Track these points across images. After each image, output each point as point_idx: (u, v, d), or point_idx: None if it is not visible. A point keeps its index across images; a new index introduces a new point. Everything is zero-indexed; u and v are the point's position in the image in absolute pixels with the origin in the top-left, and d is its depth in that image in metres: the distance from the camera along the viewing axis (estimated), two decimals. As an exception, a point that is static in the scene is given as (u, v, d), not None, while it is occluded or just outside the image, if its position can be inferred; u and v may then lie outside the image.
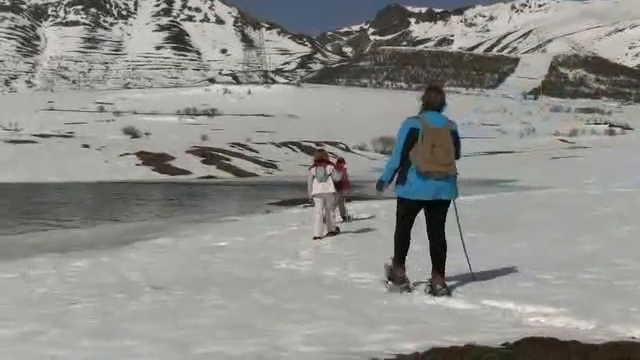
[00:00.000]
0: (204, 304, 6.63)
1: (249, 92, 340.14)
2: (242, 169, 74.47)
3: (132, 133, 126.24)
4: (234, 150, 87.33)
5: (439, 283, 6.58)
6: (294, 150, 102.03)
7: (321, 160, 13.69)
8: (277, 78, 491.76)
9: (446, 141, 6.39)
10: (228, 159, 78.79)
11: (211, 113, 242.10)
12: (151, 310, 6.39)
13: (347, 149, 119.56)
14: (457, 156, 6.55)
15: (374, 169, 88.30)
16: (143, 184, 51.45)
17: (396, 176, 6.56)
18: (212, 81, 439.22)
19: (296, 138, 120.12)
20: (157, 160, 73.13)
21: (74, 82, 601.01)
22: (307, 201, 14.92)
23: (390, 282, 6.90)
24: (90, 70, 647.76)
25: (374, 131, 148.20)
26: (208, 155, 78.72)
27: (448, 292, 6.52)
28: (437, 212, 6.56)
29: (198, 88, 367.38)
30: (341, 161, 17.32)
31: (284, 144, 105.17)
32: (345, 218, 16.65)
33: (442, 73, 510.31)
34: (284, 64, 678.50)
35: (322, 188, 13.46)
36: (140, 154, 75.51)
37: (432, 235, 6.64)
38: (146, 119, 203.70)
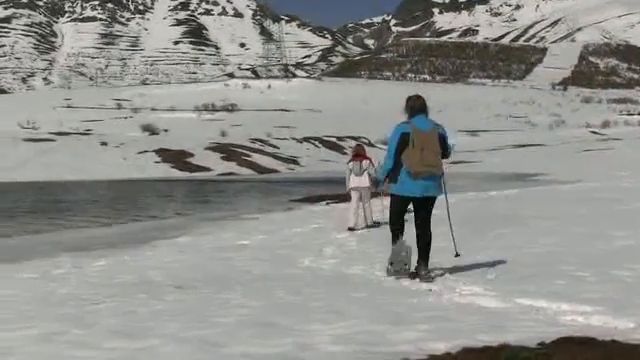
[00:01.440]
0: (227, 303, 6.64)
1: (269, 86, 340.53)
2: (263, 165, 74.57)
3: (150, 130, 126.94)
4: (254, 146, 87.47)
5: (423, 269, 7.63)
6: (316, 145, 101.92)
7: (358, 155, 14.60)
8: (297, 72, 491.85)
9: (434, 144, 7.41)
10: (248, 155, 78.93)
11: (230, 108, 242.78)
12: (174, 309, 6.41)
13: (370, 143, 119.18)
14: (445, 156, 7.59)
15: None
16: (162, 181, 51.74)
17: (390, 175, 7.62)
18: (231, 76, 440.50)
19: (317, 133, 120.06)
20: (176, 157, 73.45)
21: (91, 79, 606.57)
22: (330, 198, 15.05)
23: (391, 265, 7.82)
24: (107, 66, 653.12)
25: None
26: (228, 151, 78.92)
27: (431, 278, 7.54)
28: (424, 207, 7.63)
29: (217, 83, 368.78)
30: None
31: (305, 139, 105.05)
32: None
33: (467, 64, 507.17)
34: (304, 57, 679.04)
35: (358, 182, 14.37)
36: (159, 151, 75.89)
37: (420, 231, 7.67)
38: (164, 115, 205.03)
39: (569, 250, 9.06)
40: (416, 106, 7.65)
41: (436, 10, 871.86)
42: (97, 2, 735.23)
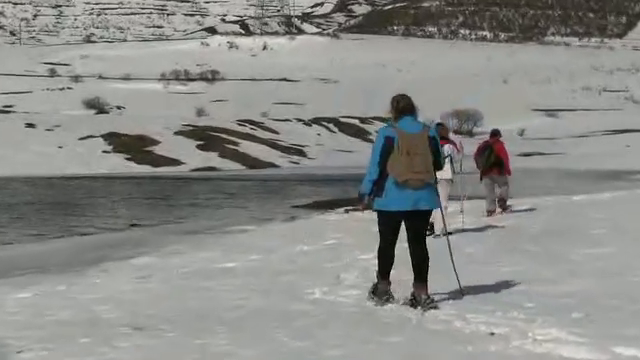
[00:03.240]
0: (207, 351, 6.64)
1: (265, 47, 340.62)
2: (255, 157, 74.70)
3: (97, 107, 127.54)
4: (244, 130, 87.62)
5: (423, 294, 8.41)
6: (330, 130, 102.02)
7: (439, 137, 14.93)
8: (304, 26, 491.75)
9: (423, 148, 8.43)
10: (235, 143, 79.09)
11: (211, 77, 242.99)
12: None
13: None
14: (438, 166, 8.65)
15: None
16: (114, 179, 51.90)
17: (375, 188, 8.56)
18: (212, 31, 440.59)
19: (333, 112, 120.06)
20: (134, 145, 73.75)
21: (13, 34, 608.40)
22: (350, 203, 15.19)
23: (374, 297, 8.77)
24: (36, 16, 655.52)
25: (445, 101, 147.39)
26: (207, 138, 79.12)
27: (433, 303, 8.32)
28: (416, 223, 8.57)
29: (192, 42, 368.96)
30: (495, 134, 19.48)
31: (315, 121, 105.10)
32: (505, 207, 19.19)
33: (544, 16, 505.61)
34: (314, 6, 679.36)
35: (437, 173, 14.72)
36: (109, 137, 76.20)
37: (413, 247, 8.59)
38: (118, 86, 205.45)
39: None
40: (401, 106, 8.67)
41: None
42: None
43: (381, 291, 8.74)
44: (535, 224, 16.10)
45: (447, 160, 15.08)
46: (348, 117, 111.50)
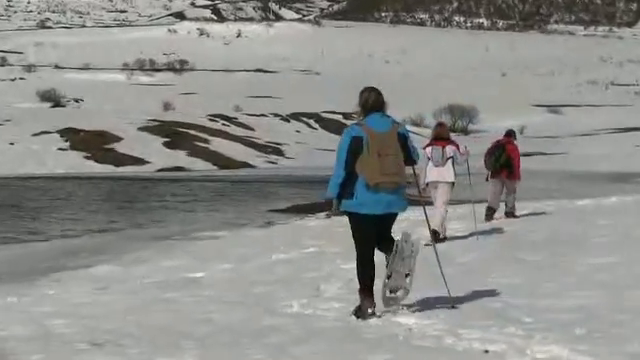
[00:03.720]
0: (173, 369, 6.63)
1: (239, 34, 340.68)
2: (228, 156, 74.68)
3: (53, 99, 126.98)
4: (215, 126, 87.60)
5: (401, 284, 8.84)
6: (310, 126, 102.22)
7: (439, 138, 15.67)
8: (283, 12, 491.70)
9: (394, 148, 8.68)
10: (206, 140, 79.06)
11: (179, 68, 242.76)
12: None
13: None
14: (410, 162, 8.99)
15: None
16: (72, 179, 51.70)
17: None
18: (180, 17, 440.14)
19: (314, 107, 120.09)
20: (94, 142, 73.57)
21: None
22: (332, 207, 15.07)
23: (357, 319, 8.81)
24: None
25: (438, 95, 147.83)
26: (175, 134, 79.03)
27: (406, 290, 8.86)
28: (386, 224, 8.93)
29: (158, 28, 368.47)
30: (510, 134, 19.70)
31: (295, 116, 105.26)
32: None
33: (546, 2, 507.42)
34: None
35: (437, 174, 15.43)
36: (66, 132, 76.02)
37: (385, 246, 8.90)
38: (75, 77, 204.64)
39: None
40: (371, 103, 8.89)
41: None
42: None
43: (364, 311, 8.82)
44: (536, 231, 16.14)
45: (449, 162, 15.41)
46: (331, 112, 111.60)
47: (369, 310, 8.78)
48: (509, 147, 19.37)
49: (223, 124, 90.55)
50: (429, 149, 15.64)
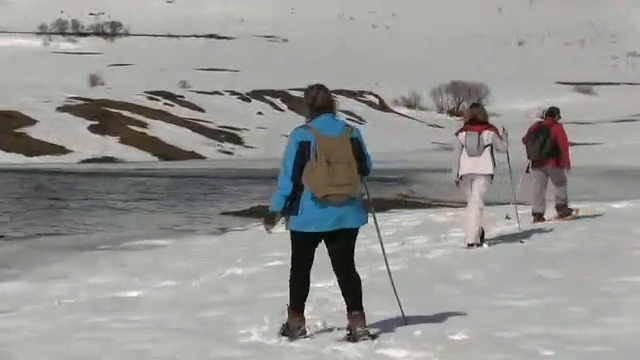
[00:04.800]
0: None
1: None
2: (171, 144, 74.59)
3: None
4: (156, 106, 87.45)
5: (359, 325, 9.23)
6: (276, 107, 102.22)
7: (474, 121, 15.92)
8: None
9: (346, 154, 9.13)
10: (144, 124, 78.91)
11: (111, 32, 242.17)
12: None
13: (382, 104, 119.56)
14: (364, 171, 9.38)
15: (439, 146, 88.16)
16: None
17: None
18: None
19: (280, 84, 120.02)
20: (1, 126, 73.26)
21: None
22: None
23: (285, 338, 9.49)
24: None
25: (438, 70, 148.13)
26: (104, 116, 78.83)
27: (371, 335, 9.21)
28: (341, 243, 9.35)
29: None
30: (552, 113, 20.17)
31: (256, 95, 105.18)
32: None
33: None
34: None
35: (472, 166, 15.69)
36: (-34, 113, 75.58)
37: (340, 271, 9.43)
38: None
39: None
40: (318, 101, 9.42)
41: None
42: None
43: (293, 328, 9.50)
44: (560, 241, 16.21)
45: (487, 151, 15.62)
46: (302, 90, 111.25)
47: (298, 328, 9.45)
48: (555, 129, 19.52)
49: (165, 104, 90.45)
50: (462, 135, 15.91)
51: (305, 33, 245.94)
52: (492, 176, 15.70)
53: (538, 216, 19.17)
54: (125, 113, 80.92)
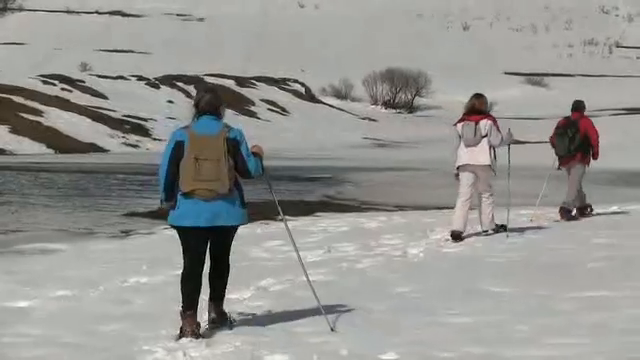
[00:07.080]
0: None
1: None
2: (69, 135, 74.21)
3: None
4: (51, 92, 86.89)
5: (215, 312, 10.87)
6: (189, 95, 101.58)
7: (472, 111, 16.90)
8: None
9: (215, 153, 10.38)
10: (38, 112, 78.43)
11: (1, 6, 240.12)
12: None
13: (308, 93, 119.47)
14: (244, 173, 10.62)
15: (371, 142, 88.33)
16: None
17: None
18: None
19: (192, 67, 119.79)
20: None
21: None
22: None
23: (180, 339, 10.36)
24: None
25: (372, 56, 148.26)
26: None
27: (230, 322, 10.82)
28: (218, 241, 10.75)
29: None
30: (578, 108, 21.11)
31: (167, 80, 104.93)
32: None
33: None
34: None
35: (470, 157, 16.62)
36: None
37: (214, 263, 10.83)
38: None
39: None
40: (202, 105, 10.82)
41: None
42: None
43: (186, 333, 10.42)
44: (510, 251, 16.33)
45: (485, 141, 16.54)
46: (219, 76, 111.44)
47: (192, 329, 10.41)
48: (584, 123, 19.99)
49: (63, 89, 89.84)
50: (460, 125, 16.94)
51: (223, 12, 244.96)
52: (490, 166, 16.71)
53: (583, 210, 20.67)
54: (16, 99, 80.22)
